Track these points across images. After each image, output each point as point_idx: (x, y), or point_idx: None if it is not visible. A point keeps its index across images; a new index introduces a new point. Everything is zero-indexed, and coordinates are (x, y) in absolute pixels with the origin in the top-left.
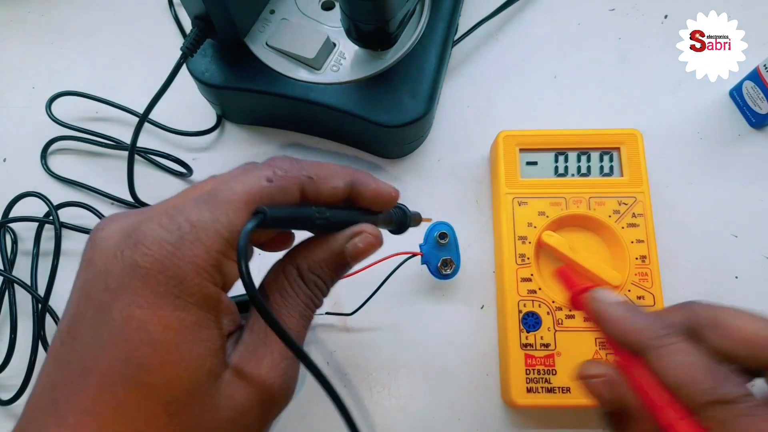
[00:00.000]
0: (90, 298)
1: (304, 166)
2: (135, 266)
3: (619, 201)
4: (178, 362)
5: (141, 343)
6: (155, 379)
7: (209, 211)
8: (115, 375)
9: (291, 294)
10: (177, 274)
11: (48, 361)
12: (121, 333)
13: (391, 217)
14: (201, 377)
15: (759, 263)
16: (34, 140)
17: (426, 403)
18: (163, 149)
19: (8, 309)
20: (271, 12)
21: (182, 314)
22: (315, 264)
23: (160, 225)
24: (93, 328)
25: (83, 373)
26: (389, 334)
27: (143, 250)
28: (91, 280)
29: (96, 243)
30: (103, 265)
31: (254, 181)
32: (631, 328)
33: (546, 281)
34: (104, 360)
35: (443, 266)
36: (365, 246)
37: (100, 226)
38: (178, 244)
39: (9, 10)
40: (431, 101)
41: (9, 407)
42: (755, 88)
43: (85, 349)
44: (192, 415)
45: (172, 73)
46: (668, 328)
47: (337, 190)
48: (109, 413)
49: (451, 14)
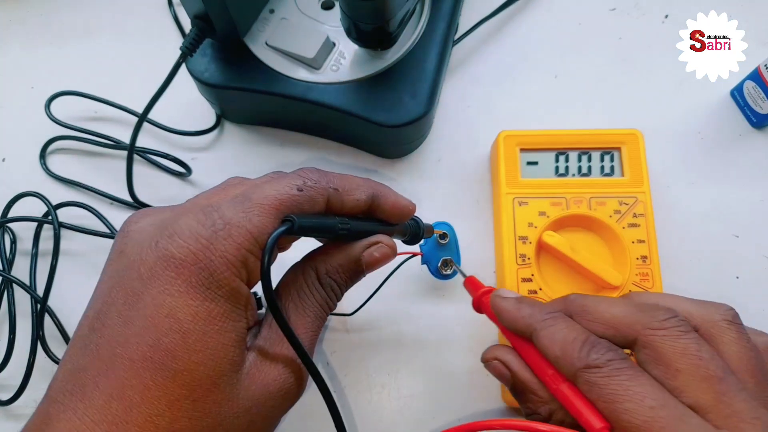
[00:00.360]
0: (122, 286)
1: (330, 178)
2: (169, 257)
3: (619, 201)
4: (203, 350)
5: (170, 330)
6: (181, 365)
7: (243, 211)
8: (143, 360)
9: (308, 294)
10: (208, 266)
11: (74, 347)
12: (151, 319)
13: (405, 228)
14: (224, 366)
15: (760, 263)
16: (33, 140)
17: (426, 404)
18: (162, 149)
19: (7, 309)
20: (271, 11)
21: (211, 305)
22: (332, 269)
23: (197, 220)
24: (124, 314)
25: (112, 358)
26: (389, 334)
27: (178, 242)
28: (123, 269)
29: (129, 234)
30: (136, 255)
31: (286, 188)
32: (520, 316)
33: (547, 281)
34: (133, 345)
35: (443, 266)
36: (381, 256)
37: (133, 219)
38: (212, 239)
39: (8, 10)
40: (431, 101)
41: (8, 407)
42: (756, 88)
43: (114, 334)
44: (213, 402)
45: (171, 73)
46: (548, 314)
47: (359, 203)
48: (136, 396)
49: (451, 14)
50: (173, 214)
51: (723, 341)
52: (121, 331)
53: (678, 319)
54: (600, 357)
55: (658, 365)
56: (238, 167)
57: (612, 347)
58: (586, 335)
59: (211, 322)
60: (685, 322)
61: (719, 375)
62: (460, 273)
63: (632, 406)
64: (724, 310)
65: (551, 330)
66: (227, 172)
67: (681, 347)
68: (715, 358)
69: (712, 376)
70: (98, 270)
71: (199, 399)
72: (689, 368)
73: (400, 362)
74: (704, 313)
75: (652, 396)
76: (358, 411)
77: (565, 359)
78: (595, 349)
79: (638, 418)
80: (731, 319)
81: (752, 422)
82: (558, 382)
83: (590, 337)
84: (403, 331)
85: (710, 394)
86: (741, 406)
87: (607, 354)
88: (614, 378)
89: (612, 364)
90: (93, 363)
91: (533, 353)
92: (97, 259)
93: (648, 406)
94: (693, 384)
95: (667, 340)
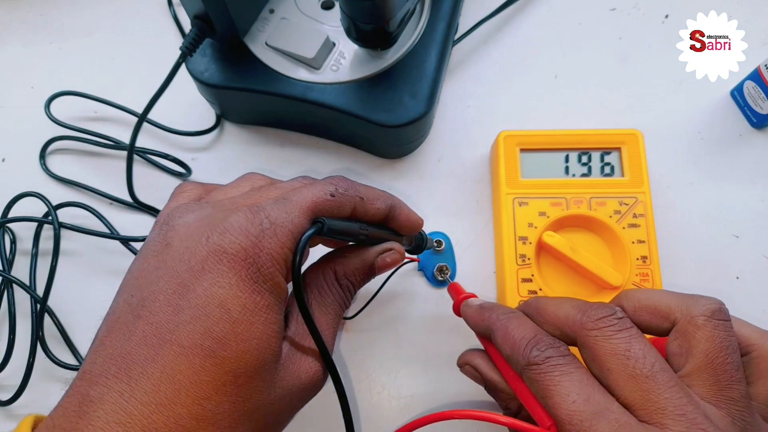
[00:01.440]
0: (171, 276)
1: (357, 187)
2: (221, 251)
3: (620, 201)
4: (250, 339)
5: (221, 319)
6: (229, 352)
7: (285, 212)
8: (194, 346)
9: (328, 293)
10: (256, 261)
11: (114, 332)
12: (203, 308)
13: (412, 238)
14: (267, 356)
15: (760, 263)
16: (33, 140)
17: (426, 404)
18: (162, 149)
19: (7, 309)
20: (271, 11)
21: (258, 297)
22: (350, 271)
23: (246, 218)
24: (173, 303)
25: (161, 343)
26: (389, 334)
27: (230, 238)
28: (172, 260)
29: (176, 228)
30: (185, 248)
31: (321, 193)
32: (481, 319)
33: (547, 282)
34: (184, 332)
35: (439, 272)
36: (392, 261)
37: (176, 213)
38: (260, 237)
39: (9, 10)
40: (431, 101)
41: (8, 407)
42: (756, 88)
43: (164, 321)
44: (254, 388)
45: (171, 73)
46: (505, 314)
47: (379, 211)
48: (186, 379)
49: (451, 14)
50: (221, 212)
51: (695, 337)
52: (171, 319)
53: (613, 317)
54: (540, 354)
55: (593, 364)
56: (239, 167)
57: (555, 344)
58: (534, 333)
59: (257, 314)
60: (623, 320)
61: (646, 373)
62: (447, 279)
63: (558, 401)
64: (704, 304)
65: (504, 330)
66: (227, 172)
67: (611, 347)
68: (648, 356)
69: (639, 374)
70: (98, 270)
71: (243, 385)
72: (617, 367)
73: (400, 362)
74: (684, 308)
75: (577, 391)
76: (358, 411)
77: (514, 357)
78: (537, 347)
79: (561, 411)
80: (709, 315)
81: (676, 418)
82: (516, 381)
83: (537, 334)
84: (403, 331)
85: (637, 392)
86: (668, 402)
87: (547, 351)
88: (548, 374)
89: (549, 361)
90: (139, 348)
91: (495, 353)
92: (97, 259)
93: (571, 400)
94: (621, 382)
95: (599, 340)
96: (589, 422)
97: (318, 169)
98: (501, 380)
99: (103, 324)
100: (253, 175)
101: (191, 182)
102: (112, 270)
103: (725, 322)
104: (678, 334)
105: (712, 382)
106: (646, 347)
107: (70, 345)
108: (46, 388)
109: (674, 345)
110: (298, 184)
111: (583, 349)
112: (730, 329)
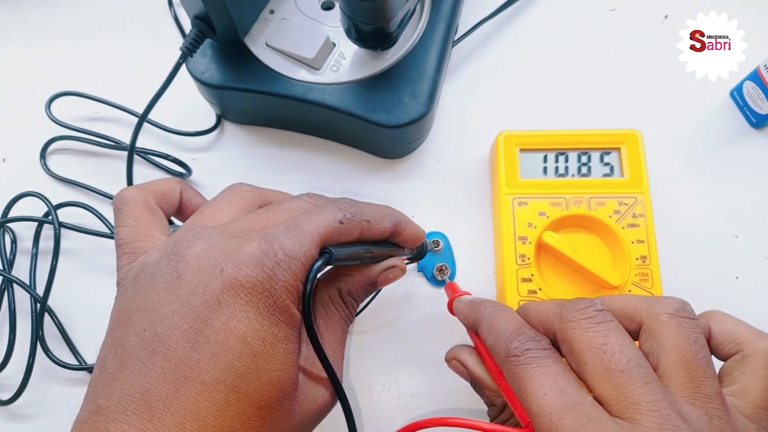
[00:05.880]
0: (186, 311)
1: (364, 209)
2: (237, 284)
3: (619, 201)
4: (272, 372)
5: (242, 354)
6: (252, 386)
7: (299, 243)
8: (216, 382)
9: (333, 312)
10: (272, 294)
11: (129, 367)
12: (223, 344)
13: (413, 249)
14: (287, 386)
15: (759, 263)
16: (34, 140)
17: (426, 404)
18: (163, 149)
19: (7, 309)
20: (271, 12)
21: (275, 329)
22: (354, 289)
23: (261, 249)
24: (191, 338)
25: (182, 380)
26: (389, 334)
27: (246, 271)
28: (186, 294)
29: (186, 259)
30: (198, 281)
31: (330, 221)
32: (470, 311)
33: (546, 282)
34: (205, 368)
35: (438, 272)
36: (394, 277)
37: (185, 243)
38: (275, 269)
39: (9, 10)
40: (431, 101)
41: (8, 407)
42: (756, 88)
43: (183, 357)
44: (277, 419)
45: (171, 73)
46: (492, 308)
47: (386, 230)
48: (210, 416)
49: (451, 14)
50: (232, 241)
51: (662, 335)
52: (190, 354)
53: (592, 309)
54: (520, 346)
55: (571, 358)
56: (239, 168)
57: (536, 337)
58: (518, 326)
59: (276, 345)
60: (601, 314)
61: (621, 367)
62: (446, 279)
63: (531, 393)
64: (667, 302)
65: (490, 321)
66: (227, 172)
67: (587, 340)
68: (625, 350)
69: (614, 369)
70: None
71: (267, 417)
72: (593, 361)
73: (400, 362)
74: (648, 308)
75: (551, 384)
76: (358, 411)
77: (496, 348)
78: (519, 338)
79: (533, 404)
80: (672, 313)
81: (649, 414)
82: (500, 378)
83: (521, 327)
84: (403, 331)
85: (611, 386)
86: (641, 397)
87: (527, 343)
88: (526, 366)
89: (528, 353)
90: (159, 385)
91: (484, 348)
92: (97, 259)
93: (543, 393)
94: (597, 376)
95: (576, 333)
96: (558, 415)
97: (318, 168)
98: (487, 376)
99: (111, 355)
100: (242, 187)
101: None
102: (112, 270)
103: (689, 320)
104: (647, 335)
105: (687, 379)
106: (624, 342)
107: (70, 345)
108: (46, 388)
109: (646, 345)
110: (305, 205)
111: (562, 343)
112: (695, 326)
